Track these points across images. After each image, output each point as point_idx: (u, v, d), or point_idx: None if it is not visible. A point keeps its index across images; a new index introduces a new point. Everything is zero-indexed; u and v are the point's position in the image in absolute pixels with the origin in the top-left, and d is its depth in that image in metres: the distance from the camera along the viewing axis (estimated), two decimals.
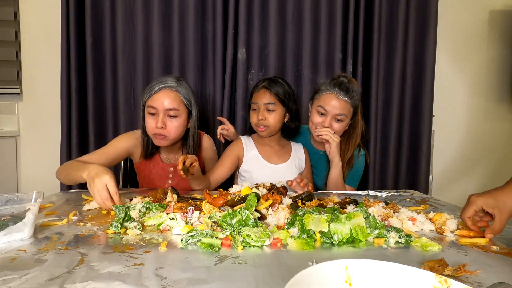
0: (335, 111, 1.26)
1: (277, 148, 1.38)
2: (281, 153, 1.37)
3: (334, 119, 1.28)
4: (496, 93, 2.02)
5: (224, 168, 1.32)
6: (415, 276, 0.42)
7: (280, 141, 1.40)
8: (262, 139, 1.37)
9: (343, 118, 1.27)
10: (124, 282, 0.49)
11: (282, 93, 1.27)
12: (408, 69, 1.80)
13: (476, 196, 0.74)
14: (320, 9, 1.71)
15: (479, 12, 1.97)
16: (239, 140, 1.38)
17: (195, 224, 0.74)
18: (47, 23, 1.78)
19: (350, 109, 1.28)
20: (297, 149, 1.40)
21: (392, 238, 0.69)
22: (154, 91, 1.16)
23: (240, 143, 1.37)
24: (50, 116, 1.82)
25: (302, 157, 1.39)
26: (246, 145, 1.36)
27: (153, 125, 1.16)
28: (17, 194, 0.72)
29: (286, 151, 1.39)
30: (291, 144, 1.42)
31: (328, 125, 1.27)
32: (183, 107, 1.19)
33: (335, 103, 1.26)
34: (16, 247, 0.62)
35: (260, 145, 1.37)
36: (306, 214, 0.72)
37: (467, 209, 0.74)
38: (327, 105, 1.27)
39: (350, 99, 1.26)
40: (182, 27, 1.68)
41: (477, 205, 0.73)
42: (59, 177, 1.14)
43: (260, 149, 1.36)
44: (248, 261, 0.58)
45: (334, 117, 1.27)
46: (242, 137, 1.39)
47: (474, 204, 0.73)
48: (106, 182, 0.87)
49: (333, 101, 1.26)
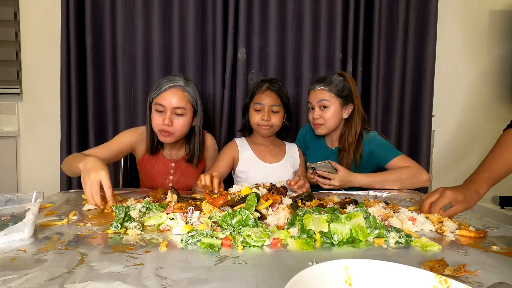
0: (316, 100, 1.33)
1: (272, 147, 1.40)
2: (276, 152, 1.39)
3: (319, 108, 1.33)
4: (496, 93, 2.02)
5: (219, 169, 1.32)
6: (415, 276, 0.42)
7: (275, 141, 1.42)
8: (257, 139, 1.39)
9: (326, 104, 1.31)
10: (124, 282, 0.49)
11: (285, 95, 1.32)
12: (408, 69, 1.80)
13: (449, 191, 0.86)
14: (320, 9, 1.71)
15: (479, 12, 1.97)
16: (233, 142, 1.40)
17: (195, 224, 0.74)
18: (47, 23, 1.78)
19: (330, 95, 1.31)
20: (291, 149, 1.43)
21: (392, 238, 0.69)
22: (163, 90, 1.18)
23: (234, 145, 1.38)
24: (50, 116, 1.82)
25: (296, 156, 1.41)
26: (240, 146, 1.37)
27: (160, 121, 1.18)
28: (17, 194, 0.72)
29: (280, 150, 1.41)
30: (286, 144, 1.44)
31: (318, 116, 1.33)
32: (189, 106, 1.22)
33: (314, 94, 1.34)
34: (16, 247, 0.62)
35: (255, 145, 1.39)
36: (306, 214, 0.72)
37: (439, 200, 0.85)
38: (310, 99, 1.36)
39: (327, 86, 1.31)
40: (182, 27, 1.69)
41: (448, 199, 0.85)
42: (63, 168, 1.17)
43: (254, 149, 1.37)
44: (248, 261, 0.58)
45: (318, 107, 1.33)
46: (236, 139, 1.41)
47: (446, 198, 0.85)
48: (101, 177, 0.88)
49: (312, 94, 1.35)
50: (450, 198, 0.85)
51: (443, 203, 0.85)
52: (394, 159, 1.28)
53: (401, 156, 1.29)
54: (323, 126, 1.34)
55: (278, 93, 1.29)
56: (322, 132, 1.36)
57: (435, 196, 0.87)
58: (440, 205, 0.85)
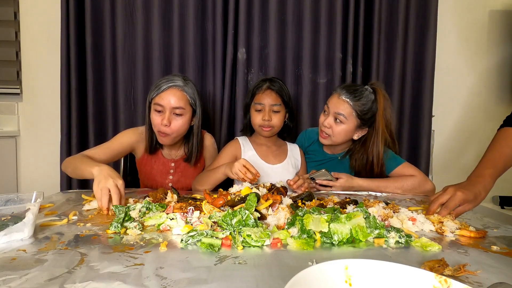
0: (334, 109, 1.23)
1: (274, 148, 1.39)
2: (278, 153, 1.38)
3: (334, 118, 1.24)
4: (496, 93, 2.02)
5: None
6: (415, 276, 0.42)
7: (276, 141, 1.42)
8: (259, 140, 1.38)
9: (342, 119, 1.22)
10: (124, 282, 0.49)
11: (285, 94, 1.30)
12: (408, 69, 1.80)
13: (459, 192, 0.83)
14: (320, 9, 1.71)
15: (479, 12, 1.97)
16: (236, 141, 1.39)
17: (195, 224, 0.74)
18: (47, 23, 1.78)
19: (351, 113, 1.20)
20: (293, 149, 1.42)
21: (392, 238, 0.69)
22: (161, 90, 1.18)
23: (237, 144, 1.37)
24: (50, 116, 1.82)
25: (298, 157, 1.41)
26: (243, 146, 1.36)
27: (159, 121, 1.19)
28: (17, 194, 0.72)
29: (282, 151, 1.40)
30: (287, 144, 1.43)
31: (328, 125, 1.24)
32: (188, 106, 1.22)
33: (335, 101, 1.24)
34: (16, 247, 0.62)
35: (257, 146, 1.38)
36: (306, 214, 0.72)
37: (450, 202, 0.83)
38: (329, 103, 1.26)
39: (353, 101, 1.20)
40: (182, 27, 1.69)
41: (459, 201, 0.83)
42: (65, 169, 1.15)
43: (257, 149, 1.37)
44: (248, 261, 0.58)
45: (334, 116, 1.24)
46: (239, 138, 1.40)
47: (458, 200, 0.83)
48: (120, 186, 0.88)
49: (334, 99, 1.25)
50: (461, 199, 0.83)
51: (455, 204, 0.83)
52: (398, 167, 1.26)
53: (404, 163, 1.27)
54: (329, 138, 1.27)
55: (278, 92, 1.28)
56: (326, 142, 1.30)
57: (445, 197, 0.84)
58: (451, 206, 0.83)
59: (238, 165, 1.08)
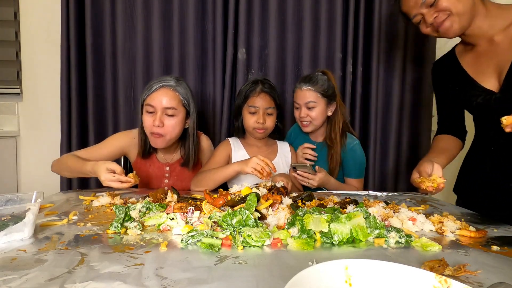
0: (303, 101, 1.34)
1: (264, 148, 1.42)
2: (268, 152, 1.41)
3: (306, 108, 1.35)
4: None
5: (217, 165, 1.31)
6: (415, 276, 0.42)
7: (267, 141, 1.45)
8: (250, 140, 1.42)
9: (313, 105, 1.34)
10: (124, 282, 0.49)
11: (277, 96, 1.36)
12: (408, 68, 1.80)
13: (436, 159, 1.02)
14: (320, 9, 1.70)
15: None
16: (227, 141, 1.41)
17: (195, 224, 0.74)
18: (47, 23, 1.78)
19: (317, 96, 1.33)
20: (282, 147, 1.45)
21: (392, 238, 0.69)
22: (153, 90, 1.17)
23: (228, 144, 1.40)
24: (50, 116, 1.82)
25: (288, 154, 1.44)
26: (234, 146, 1.39)
27: (151, 123, 1.17)
28: (17, 194, 0.72)
29: (272, 151, 1.43)
30: (277, 143, 1.46)
31: (304, 115, 1.35)
32: (181, 106, 1.20)
33: (301, 94, 1.36)
34: (16, 247, 0.62)
35: (248, 146, 1.41)
36: (306, 214, 0.72)
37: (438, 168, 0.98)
38: (297, 99, 1.38)
39: (313, 86, 1.33)
40: (182, 27, 1.68)
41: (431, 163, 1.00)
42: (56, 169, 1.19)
43: (248, 149, 1.39)
44: (248, 261, 0.58)
45: (305, 106, 1.35)
46: (229, 139, 1.43)
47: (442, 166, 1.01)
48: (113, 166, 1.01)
49: (299, 93, 1.37)
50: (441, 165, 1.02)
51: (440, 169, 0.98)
52: (354, 179, 1.42)
53: (360, 179, 1.44)
54: (310, 124, 1.37)
55: (271, 95, 1.33)
56: (309, 129, 1.40)
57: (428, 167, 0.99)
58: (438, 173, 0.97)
59: (256, 159, 1.11)
